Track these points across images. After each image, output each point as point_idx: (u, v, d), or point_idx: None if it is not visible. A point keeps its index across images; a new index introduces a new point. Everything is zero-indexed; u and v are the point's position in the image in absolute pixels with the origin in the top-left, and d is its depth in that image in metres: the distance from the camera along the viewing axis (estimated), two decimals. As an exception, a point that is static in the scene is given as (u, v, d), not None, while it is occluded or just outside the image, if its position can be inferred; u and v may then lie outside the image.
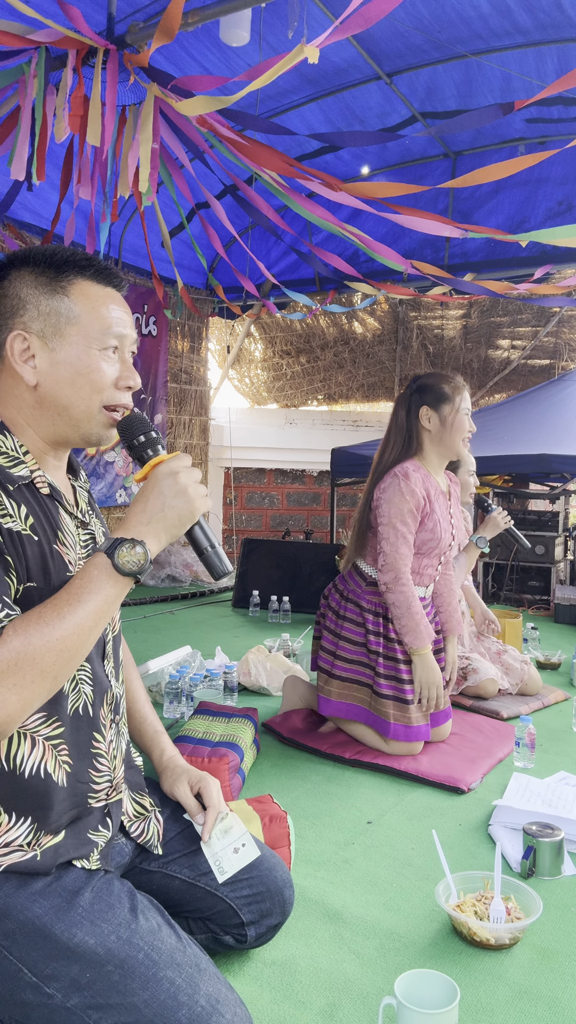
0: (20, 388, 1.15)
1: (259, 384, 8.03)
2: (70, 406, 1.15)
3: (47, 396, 1.15)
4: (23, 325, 1.13)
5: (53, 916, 1.09)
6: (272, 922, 1.43)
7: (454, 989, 1.29)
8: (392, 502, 2.49)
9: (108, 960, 1.08)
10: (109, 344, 1.16)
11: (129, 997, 1.06)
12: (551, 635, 4.61)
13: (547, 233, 2.91)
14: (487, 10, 3.52)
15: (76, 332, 1.14)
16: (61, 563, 1.14)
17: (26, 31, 2.53)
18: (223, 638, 4.29)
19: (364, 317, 7.39)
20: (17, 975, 1.06)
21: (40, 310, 1.13)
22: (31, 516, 1.11)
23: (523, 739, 2.54)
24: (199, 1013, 1.07)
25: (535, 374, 7.31)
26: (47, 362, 1.14)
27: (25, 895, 1.10)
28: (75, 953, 1.07)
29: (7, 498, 1.08)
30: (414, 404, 2.59)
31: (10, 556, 1.06)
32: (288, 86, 4.21)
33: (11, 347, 1.13)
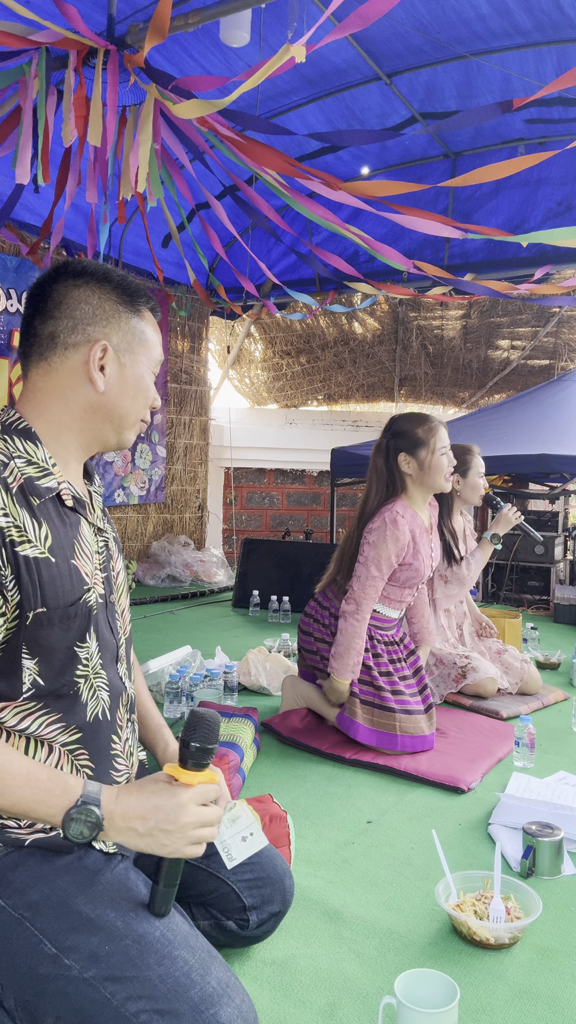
0: (80, 391, 1.22)
1: (259, 384, 8.03)
2: (126, 415, 1.26)
3: (108, 403, 1.24)
4: (106, 336, 1.22)
5: (76, 890, 1.12)
6: (273, 909, 1.44)
7: (454, 989, 1.29)
8: (376, 546, 2.60)
9: (127, 934, 1.10)
10: (155, 369, 1.31)
11: (145, 971, 1.08)
12: (551, 635, 4.62)
13: (547, 234, 2.91)
14: (487, 11, 3.52)
15: (143, 353, 1.27)
16: (79, 578, 1.19)
17: (26, 31, 2.53)
18: (223, 638, 4.29)
19: (364, 317, 7.39)
20: (37, 947, 1.08)
21: (121, 326, 1.23)
22: (51, 535, 1.15)
23: (523, 739, 2.54)
24: (210, 993, 1.08)
25: (535, 374, 7.31)
26: (116, 374, 1.23)
27: (50, 869, 1.13)
28: (96, 925, 1.10)
29: (31, 518, 1.13)
30: (392, 451, 2.70)
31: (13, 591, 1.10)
32: (288, 87, 4.21)
33: (92, 353, 1.21)
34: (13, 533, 1.10)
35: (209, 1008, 1.07)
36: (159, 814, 1.11)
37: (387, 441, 2.72)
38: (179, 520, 6.71)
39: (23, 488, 1.14)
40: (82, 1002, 1.06)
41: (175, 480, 6.61)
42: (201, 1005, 1.07)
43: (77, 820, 1.07)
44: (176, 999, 1.06)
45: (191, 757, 1.14)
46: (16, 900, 1.11)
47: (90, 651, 1.22)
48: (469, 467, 3.41)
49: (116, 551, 1.37)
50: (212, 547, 6.58)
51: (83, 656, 1.21)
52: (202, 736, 1.13)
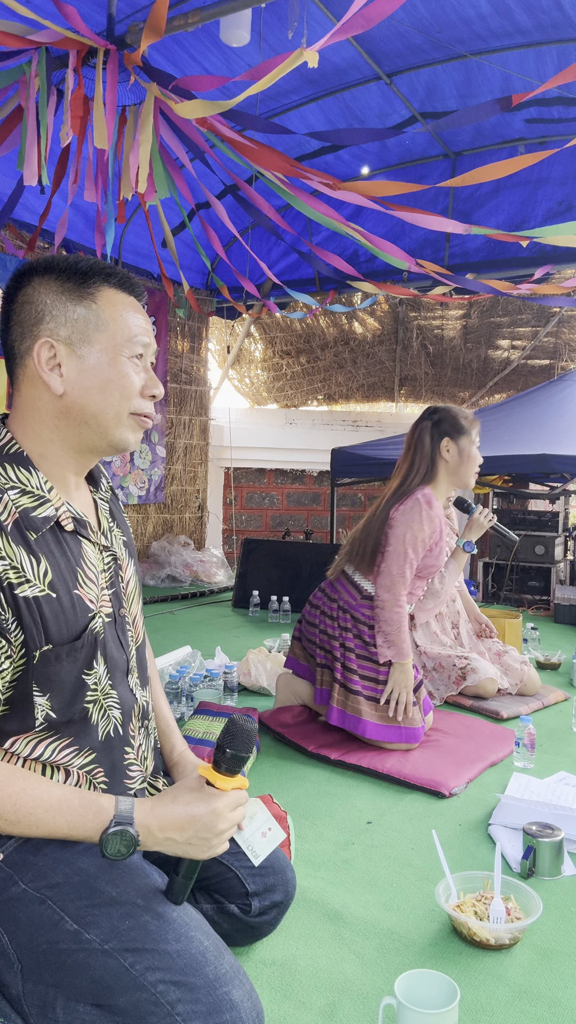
0: (44, 399, 1.14)
1: (259, 384, 8.03)
2: (99, 413, 1.14)
3: (75, 405, 1.13)
4: (50, 332, 1.12)
5: (97, 871, 1.14)
6: (276, 898, 1.45)
7: (454, 989, 1.29)
8: (411, 527, 2.57)
9: (147, 910, 1.12)
10: (135, 352, 1.16)
11: (163, 945, 1.10)
12: (551, 635, 4.62)
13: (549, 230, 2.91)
14: (487, 10, 3.52)
15: (104, 339, 1.13)
16: (83, 607, 1.15)
17: (26, 31, 2.53)
18: (223, 638, 4.29)
19: (364, 317, 7.39)
20: (59, 924, 1.10)
21: (67, 316, 1.12)
22: (50, 570, 1.11)
23: (523, 739, 2.54)
24: (224, 973, 1.11)
25: (535, 374, 7.31)
26: (75, 370, 1.12)
27: (71, 852, 1.15)
28: (117, 902, 1.12)
29: (28, 555, 1.08)
30: (436, 435, 2.71)
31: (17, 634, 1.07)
32: (288, 86, 4.21)
33: (38, 355, 1.12)
34: (11, 575, 1.05)
35: (222, 986, 1.09)
36: (197, 824, 1.13)
37: (432, 425, 2.73)
38: (179, 520, 6.71)
39: (18, 524, 1.08)
40: (101, 972, 1.08)
41: (175, 480, 6.61)
42: (215, 982, 1.09)
43: (113, 841, 1.07)
44: (192, 974, 1.09)
45: (226, 763, 1.16)
46: (39, 882, 1.13)
47: (98, 675, 1.19)
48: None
49: (127, 558, 1.32)
50: (212, 547, 6.58)
51: (91, 682, 1.18)
52: (240, 745, 1.16)
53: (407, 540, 2.57)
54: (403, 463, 2.75)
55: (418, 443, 2.73)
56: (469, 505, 3.38)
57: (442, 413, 2.76)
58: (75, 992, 1.09)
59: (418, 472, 2.69)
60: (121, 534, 1.32)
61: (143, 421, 1.19)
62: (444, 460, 2.71)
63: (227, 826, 1.15)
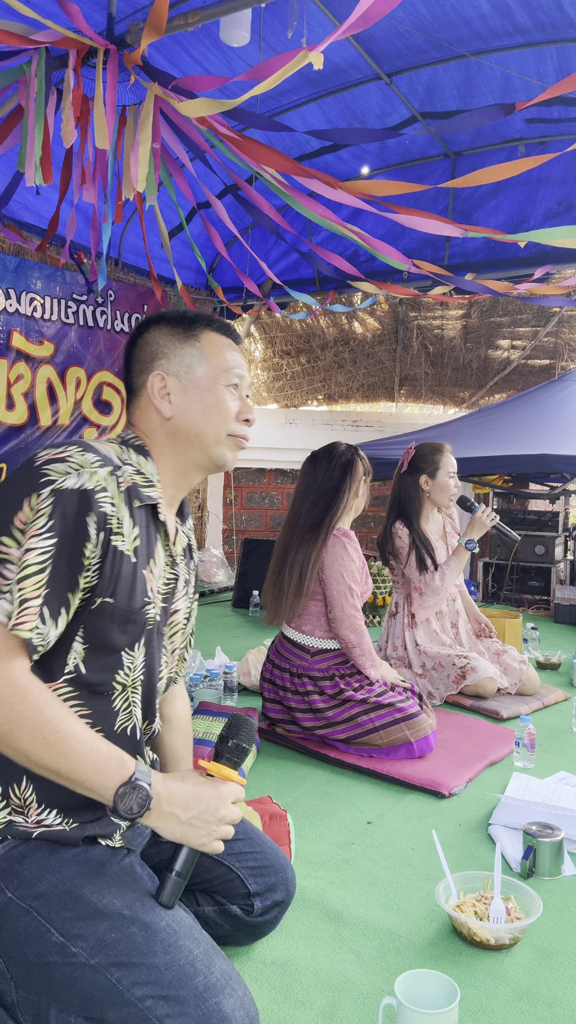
0: (155, 422, 1.33)
1: (259, 384, 8.03)
2: (202, 432, 1.32)
3: (181, 425, 1.32)
4: (162, 367, 1.32)
5: (83, 880, 1.14)
6: (277, 897, 1.46)
7: (454, 989, 1.29)
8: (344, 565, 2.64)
9: (133, 922, 1.12)
10: (232, 381, 1.34)
11: (150, 958, 1.10)
12: (551, 635, 4.62)
13: (546, 233, 2.90)
14: (487, 10, 3.52)
15: (205, 371, 1.33)
16: (143, 588, 1.24)
17: (26, 31, 2.52)
18: (223, 638, 4.29)
19: (364, 317, 7.39)
20: (45, 936, 1.11)
21: (176, 354, 1.33)
22: (138, 538, 1.24)
23: (523, 739, 2.54)
24: (214, 983, 1.11)
25: (535, 374, 7.31)
26: (181, 397, 1.32)
27: (57, 860, 1.16)
28: (103, 913, 1.12)
29: (129, 517, 1.22)
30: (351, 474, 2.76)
31: (95, 573, 1.16)
32: (288, 86, 4.21)
33: (151, 385, 1.32)
34: (113, 523, 1.18)
35: (212, 997, 1.09)
36: (202, 804, 1.17)
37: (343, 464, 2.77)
38: (179, 520, 6.69)
39: (129, 491, 1.23)
40: (88, 987, 1.09)
41: (175, 480, 6.59)
42: (205, 993, 1.09)
43: (128, 795, 1.11)
44: (181, 986, 1.09)
45: (228, 753, 1.23)
46: (24, 891, 1.13)
47: (135, 662, 1.26)
48: (438, 467, 3.30)
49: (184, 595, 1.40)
50: (212, 547, 6.58)
51: (127, 663, 1.24)
52: (244, 736, 1.23)
53: (345, 577, 2.62)
54: (321, 494, 2.72)
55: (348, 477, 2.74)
56: (472, 504, 3.40)
57: (363, 455, 2.79)
58: (66, 1004, 1.09)
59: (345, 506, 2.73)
60: (187, 571, 1.42)
61: (239, 441, 1.36)
62: (355, 496, 2.77)
63: (228, 814, 1.19)
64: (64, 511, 1.12)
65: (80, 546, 1.13)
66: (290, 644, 2.74)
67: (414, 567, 3.23)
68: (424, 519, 3.36)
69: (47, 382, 4.70)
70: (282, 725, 2.73)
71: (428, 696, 3.22)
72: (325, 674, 2.64)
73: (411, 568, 3.25)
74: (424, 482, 3.31)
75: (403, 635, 3.33)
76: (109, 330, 5.17)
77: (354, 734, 2.57)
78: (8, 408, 4.43)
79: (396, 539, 3.28)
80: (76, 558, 1.13)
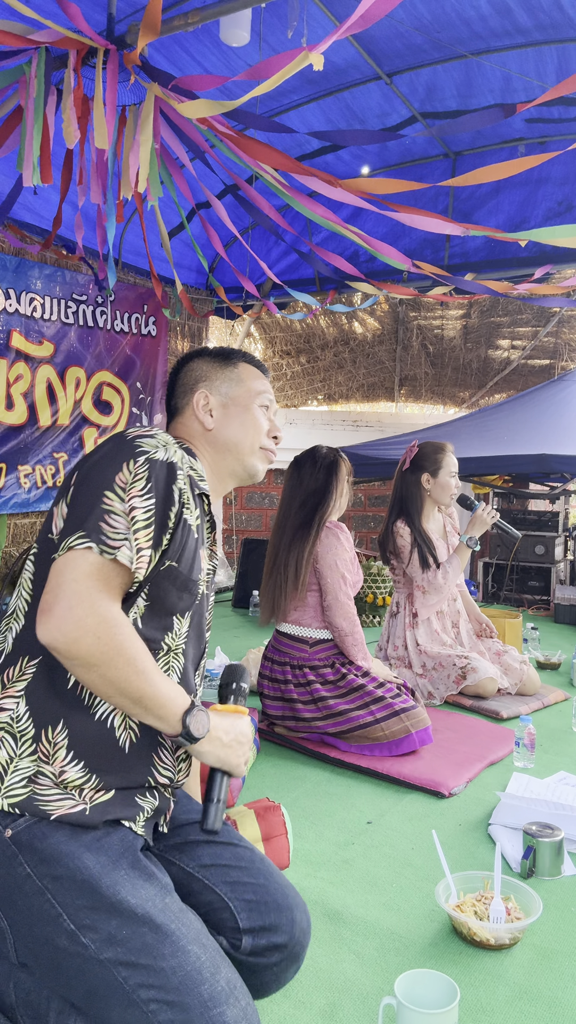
0: (197, 432, 1.51)
1: (259, 384, 8.03)
2: (239, 442, 1.50)
3: (220, 437, 1.50)
4: (207, 387, 1.52)
5: (100, 870, 1.16)
6: (276, 940, 1.30)
7: (454, 989, 1.29)
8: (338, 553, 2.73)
9: (145, 922, 1.13)
10: (263, 403, 1.54)
11: (159, 961, 1.11)
12: (551, 635, 4.62)
13: (547, 232, 2.90)
14: (487, 10, 3.52)
15: (242, 392, 1.52)
16: (199, 564, 1.38)
17: (26, 31, 2.52)
18: (223, 638, 4.29)
19: (364, 317, 7.39)
20: (57, 920, 1.12)
21: (218, 378, 1.53)
22: (199, 519, 1.38)
23: (523, 739, 2.54)
24: (219, 992, 1.11)
25: (535, 374, 7.31)
26: (221, 412, 1.51)
27: (76, 845, 1.17)
28: (116, 909, 1.13)
29: (193, 498, 1.35)
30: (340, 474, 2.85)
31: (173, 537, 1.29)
32: (288, 86, 4.21)
33: (196, 401, 1.50)
34: (186, 497, 1.32)
35: (217, 1007, 1.09)
36: (236, 729, 1.32)
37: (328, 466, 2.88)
38: (179, 520, 6.69)
39: (191, 478, 1.36)
40: (95, 982, 1.10)
41: (175, 480, 6.59)
42: (209, 1002, 1.09)
43: (197, 718, 1.24)
44: (186, 993, 1.09)
45: (233, 694, 1.40)
46: (41, 870, 1.15)
47: (182, 629, 1.36)
48: (440, 466, 3.32)
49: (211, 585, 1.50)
50: (212, 547, 6.57)
51: (176, 628, 1.35)
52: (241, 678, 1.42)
53: (339, 566, 2.69)
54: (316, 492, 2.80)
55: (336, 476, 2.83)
56: (472, 502, 3.41)
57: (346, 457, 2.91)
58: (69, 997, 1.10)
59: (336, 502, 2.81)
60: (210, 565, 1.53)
61: (269, 455, 1.54)
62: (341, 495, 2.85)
63: (250, 737, 1.35)
64: (158, 477, 1.27)
65: (168, 509, 1.28)
66: (288, 639, 2.77)
67: (416, 565, 3.24)
68: (425, 518, 3.37)
69: (47, 382, 4.69)
70: (282, 723, 2.74)
71: (428, 696, 3.22)
72: (325, 662, 2.70)
73: (413, 566, 3.25)
74: (426, 481, 3.32)
75: (404, 635, 3.33)
76: (109, 330, 5.16)
77: (354, 726, 2.59)
78: (7, 408, 4.43)
79: (398, 537, 3.28)
80: (165, 519, 1.27)
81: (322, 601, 2.73)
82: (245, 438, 1.51)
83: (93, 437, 5.05)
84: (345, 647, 2.70)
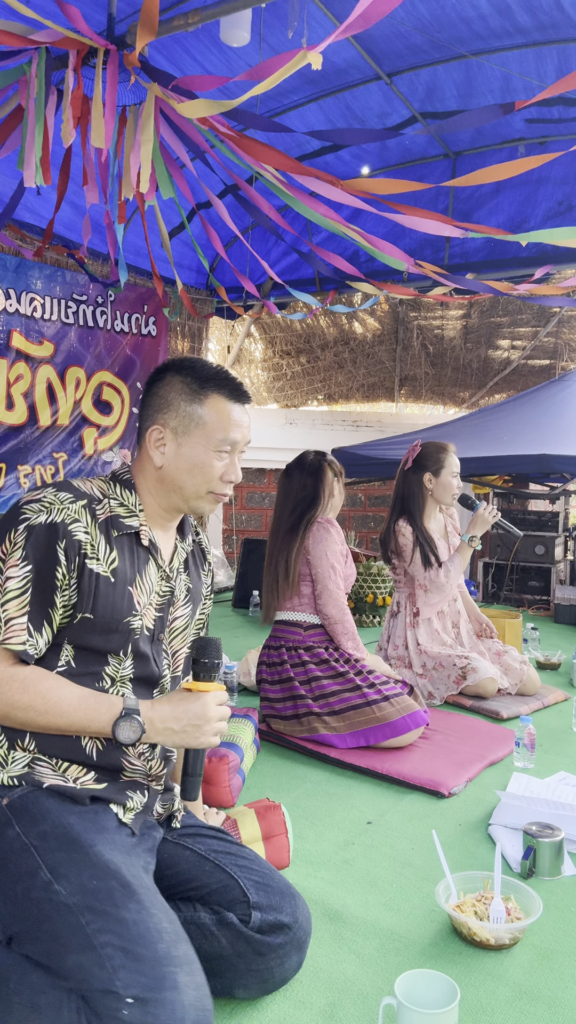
0: (148, 466, 1.48)
1: (259, 384, 8.03)
2: (183, 487, 1.45)
3: (167, 476, 1.45)
4: (163, 421, 1.45)
5: (82, 829, 1.28)
6: (282, 919, 1.38)
7: (454, 989, 1.29)
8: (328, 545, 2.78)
9: (116, 876, 1.22)
10: (222, 448, 1.45)
11: (122, 912, 1.17)
12: (551, 635, 4.62)
13: (547, 233, 2.90)
14: (487, 10, 3.52)
15: (200, 435, 1.44)
16: (130, 603, 1.41)
17: (27, 31, 2.52)
18: (223, 638, 4.27)
19: (364, 317, 7.39)
20: (36, 872, 1.22)
21: (179, 412, 1.44)
22: (118, 560, 1.40)
23: (523, 739, 2.54)
24: (175, 957, 1.16)
25: (535, 374, 7.31)
26: (172, 452, 1.45)
27: (65, 810, 1.30)
28: (91, 862, 1.23)
29: (106, 543, 1.39)
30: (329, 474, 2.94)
31: (73, 592, 1.35)
32: (288, 86, 4.21)
33: (149, 435, 1.46)
34: (88, 549, 1.36)
35: (170, 966, 1.14)
36: (190, 713, 1.36)
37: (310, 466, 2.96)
38: (179, 520, 6.69)
39: (108, 521, 1.40)
40: (60, 925, 1.17)
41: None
42: (164, 960, 1.14)
43: (123, 727, 1.31)
44: (143, 945, 1.14)
45: (203, 671, 1.42)
46: (30, 829, 1.26)
47: (123, 663, 1.42)
48: (442, 466, 3.33)
49: (184, 600, 1.55)
50: (212, 547, 6.58)
51: (114, 663, 1.41)
52: (212, 654, 1.43)
53: (329, 556, 2.76)
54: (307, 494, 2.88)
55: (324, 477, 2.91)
56: (473, 502, 3.42)
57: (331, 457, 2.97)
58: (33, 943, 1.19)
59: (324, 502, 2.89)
60: (188, 580, 1.57)
61: (219, 497, 1.48)
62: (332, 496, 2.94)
63: (215, 714, 1.37)
64: (36, 543, 1.32)
65: (51, 570, 1.32)
66: (283, 624, 2.86)
67: (418, 564, 3.25)
68: (427, 517, 3.37)
69: (47, 382, 4.69)
70: (275, 708, 2.76)
71: (428, 696, 3.22)
72: (319, 644, 2.78)
73: (415, 565, 3.26)
74: (428, 480, 3.33)
75: (404, 634, 3.34)
76: (109, 330, 5.16)
77: (347, 707, 2.63)
78: (7, 408, 4.43)
79: (400, 536, 3.29)
80: (49, 581, 1.32)
81: (313, 591, 2.80)
82: (191, 484, 1.45)
83: (93, 437, 5.06)
84: (335, 635, 2.77)
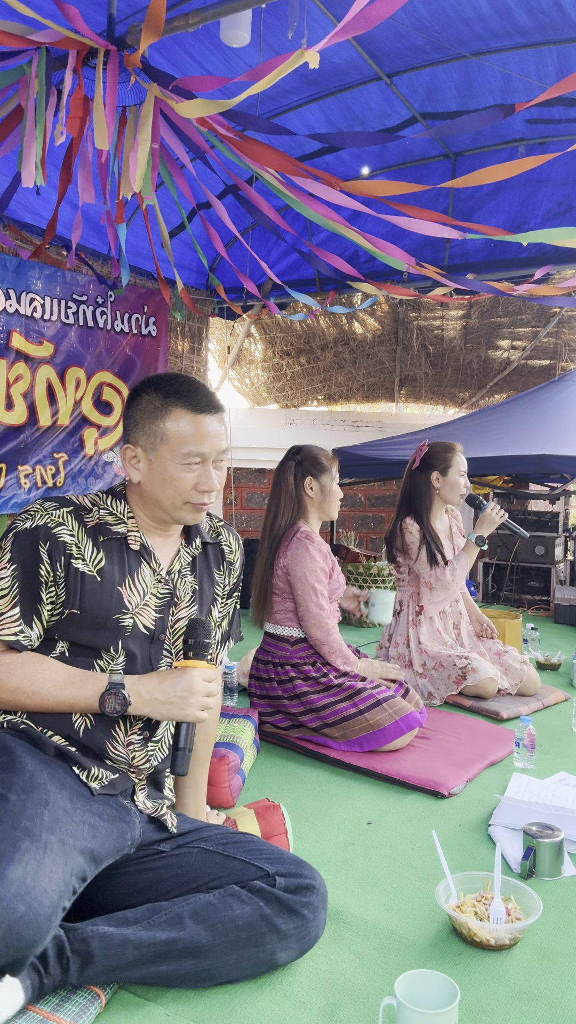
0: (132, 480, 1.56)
1: (259, 384, 8.03)
2: (161, 500, 1.53)
3: (146, 491, 1.54)
4: (134, 439, 1.54)
5: (25, 754, 1.40)
6: (304, 881, 1.48)
7: (454, 989, 1.29)
8: (305, 565, 2.72)
9: (36, 789, 1.34)
10: (188, 461, 1.50)
11: (11, 793, 1.31)
12: (551, 635, 4.62)
13: (547, 234, 2.90)
14: (487, 11, 3.52)
15: (166, 450, 1.51)
16: (119, 601, 1.51)
17: (26, 31, 2.52)
18: (223, 638, 4.28)
19: (364, 318, 7.39)
20: None
21: (147, 430, 1.52)
22: (104, 562, 1.50)
23: (523, 740, 2.54)
24: (23, 854, 1.22)
25: (535, 374, 7.31)
26: (146, 468, 1.53)
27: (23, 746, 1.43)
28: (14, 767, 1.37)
29: (92, 546, 1.50)
30: (299, 473, 2.83)
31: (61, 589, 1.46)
32: (288, 87, 4.21)
33: (123, 453, 1.56)
34: (73, 550, 1.48)
35: (12, 854, 1.21)
36: (176, 687, 1.46)
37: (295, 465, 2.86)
38: (179, 520, 6.68)
39: (96, 527, 1.52)
40: None
41: (175, 480, 6.58)
42: (12, 847, 1.22)
43: (108, 699, 1.42)
44: (7, 816, 1.26)
45: (192, 650, 1.51)
46: None
47: (116, 658, 1.50)
48: (450, 465, 3.34)
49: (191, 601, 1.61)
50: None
51: (106, 657, 1.50)
52: (200, 634, 1.52)
53: (308, 577, 2.70)
54: (271, 502, 2.85)
55: (283, 482, 2.83)
56: (481, 501, 3.45)
57: (304, 453, 2.84)
58: None
59: (285, 510, 2.81)
60: (194, 582, 1.63)
61: (197, 507, 1.55)
62: (309, 497, 2.83)
63: (200, 688, 1.47)
64: (21, 546, 1.45)
65: (35, 569, 1.45)
66: (272, 638, 2.83)
67: (425, 562, 3.26)
68: (434, 516, 3.39)
69: (46, 382, 4.69)
70: (270, 722, 2.77)
71: (428, 696, 3.22)
72: (306, 660, 2.74)
73: (421, 563, 3.27)
74: (435, 479, 3.34)
75: (406, 632, 3.35)
76: (109, 330, 5.17)
77: (339, 719, 2.61)
78: (7, 408, 4.43)
79: (407, 534, 3.31)
80: (33, 580, 1.45)
81: (296, 610, 2.76)
82: (166, 497, 1.52)
83: (93, 437, 5.05)
84: (323, 655, 2.75)
